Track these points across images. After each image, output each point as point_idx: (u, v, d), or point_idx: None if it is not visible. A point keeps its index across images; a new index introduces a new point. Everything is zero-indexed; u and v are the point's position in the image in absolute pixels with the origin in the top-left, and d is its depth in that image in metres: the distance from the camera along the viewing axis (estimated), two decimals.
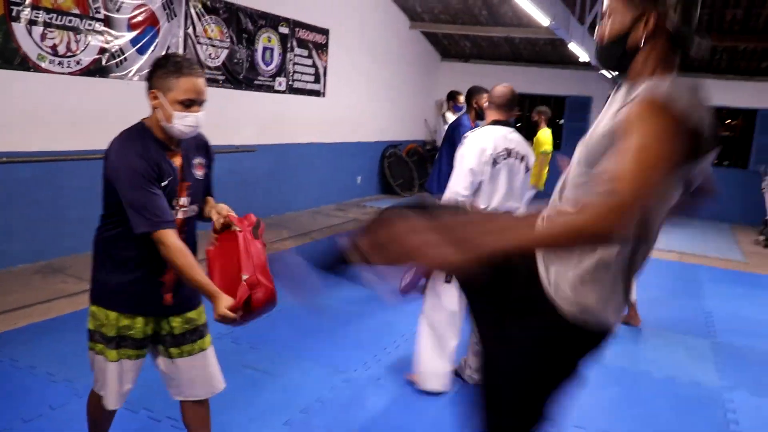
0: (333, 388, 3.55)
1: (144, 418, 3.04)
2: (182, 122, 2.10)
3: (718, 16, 9.21)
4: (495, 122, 3.48)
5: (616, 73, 1.70)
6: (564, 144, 12.25)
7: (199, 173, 2.27)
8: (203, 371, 2.37)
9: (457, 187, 3.30)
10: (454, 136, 5.31)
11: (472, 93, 5.57)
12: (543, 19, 5.31)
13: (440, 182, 5.61)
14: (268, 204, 8.17)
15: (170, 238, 2.06)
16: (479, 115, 5.48)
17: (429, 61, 12.78)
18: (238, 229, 2.22)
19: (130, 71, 5.98)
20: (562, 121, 12.61)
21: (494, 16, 10.77)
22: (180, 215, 2.22)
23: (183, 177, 2.20)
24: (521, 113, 12.47)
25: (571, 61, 11.69)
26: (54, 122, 5.46)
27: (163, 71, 2.10)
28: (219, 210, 2.29)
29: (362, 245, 1.65)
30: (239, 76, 7.41)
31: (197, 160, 2.27)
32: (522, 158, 3.43)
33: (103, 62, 5.72)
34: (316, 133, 9.20)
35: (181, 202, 2.20)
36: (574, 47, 6.84)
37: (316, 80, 9.01)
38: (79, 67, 5.52)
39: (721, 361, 4.50)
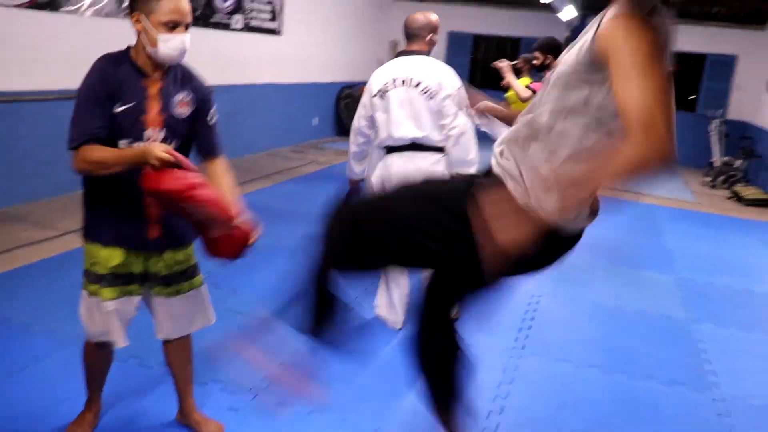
0: None
1: (134, 366, 2.97)
2: (167, 45, 2.01)
3: None
4: (399, 53, 3.44)
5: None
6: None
7: (181, 110, 2.15)
8: (193, 309, 2.35)
9: (355, 122, 3.45)
10: None
11: None
12: None
13: None
14: (226, 146, 7.91)
15: (92, 153, 1.96)
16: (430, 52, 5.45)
17: (382, 1, 12.51)
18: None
19: (81, 5, 5.63)
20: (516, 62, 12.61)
21: None
22: None
23: (158, 108, 2.08)
24: (475, 55, 12.42)
25: (527, 2, 11.63)
26: (2, 60, 5.13)
27: None
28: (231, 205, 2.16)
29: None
30: (196, 12, 7.07)
31: (181, 96, 2.14)
32: (418, 84, 3.21)
33: None
34: (273, 73, 8.95)
35: (151, 135, 2.08)
36: None
37: (273, 18, 8.71)
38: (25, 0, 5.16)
39: (685, 296, 4.69)
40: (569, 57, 1.68)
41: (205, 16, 7.24)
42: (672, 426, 2.99)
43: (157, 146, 1.94)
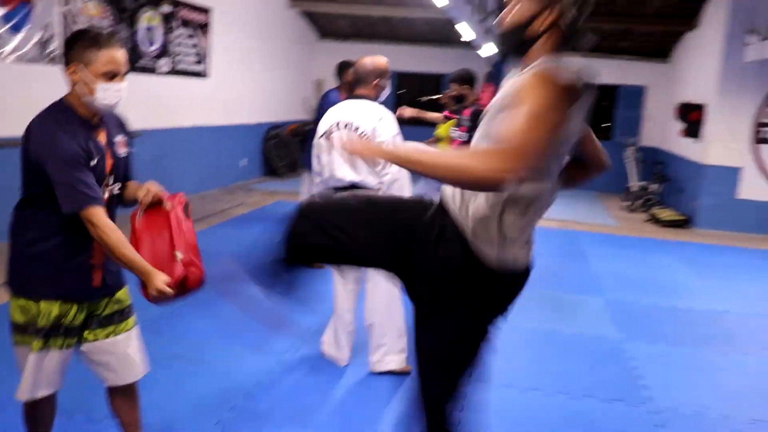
0: (270, 372, 3.54)
1: (81, 423, 2.89)
2: (107, 94, 2.06)
3: None
4: (349, 96, 3.52)
5: (514, 56, 1.86)
6: None
7: (122, 151, 2.24)
8: (129, 352, 2.33)
9: (313, 162, 3.58)
10: (319, 111, 5.52)
11: (343, 68, 5.74)
12: (441, 1, 5.47)
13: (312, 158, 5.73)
14: None
15: (100, 216, 2.03)
16: (351, 89, 5.64)
17: (307, 40, 12.69)
18: (168, 205, 2.22)
19: (3, 51, 5.51)
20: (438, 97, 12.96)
21: None
22: (107, 194, 2.17)
23: (109, 154, 2.16)
24: (404, 90, 12.71)
25: (448, 40, 12.03)
26: None
27: (81, 44, 2.06)
28: (148, 187, 2.28)
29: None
30: None
31: (119, 138, 2.24)
32: (357, 129, 3.28)
33: None
34: (201, 116, 8.91)
35: (109, 182, 2.16)
36: (464, 27, 7.07)
37: (199, 61, 8.71)
38: None
39: (615, 317, 4.91)
40: (485, 125, 1.84)
41: (131, 60, 7.18)
42: None
43: (157, 279, 2.03)
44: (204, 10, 8.68)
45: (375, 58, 3.48)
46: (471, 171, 1.55)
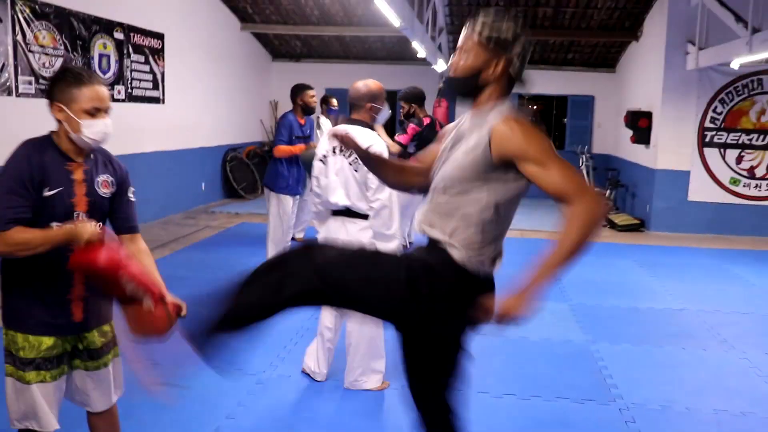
0: (250, 392, 3.56)
1: None
2: (91, 130, 2.11)
3: (531, 14, 10.13)
4: (344, 120, 3.53)
5: (465, 99, 2.06)
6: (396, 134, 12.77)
7: (104, 191, 2.23)
8: (112, 380, 2.36)
9: (312, 183, 3.56)
10: (277, 133, 5.64)
11: (296, 91, 5.84)
12: (395, 20, 5.60)
13: (276, 179, 5.79)
14: None
15: (14, 234, 1.99)
16: (305, 111, 5.75)
17: (260, 61, 12.73)
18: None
19: None
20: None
21: (325, 16, 10.99)
22: None
23: (83, 191, 2.16)
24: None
25: (401, 57, 12.22)
26: None
27: (63, 83, 2.11)
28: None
29: None
30: None
31: (102, 177, 2.23)
32: (349, 155, 3.31)
33: None
34: (159, 141, 8.87)
35: (80, 217, 2.14)
36: (416, 45, 7.24)
37: (155, 86, 8.68)
38: None
39: (580, 320, 5.07)
40: (458, 159, 1.97)
41: None
42: None
43: (86, 226, 2.00)
44: (157, 36, 8.67)
45: (367, 81, 3.49)
46: (592, 224, 1.79)
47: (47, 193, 2.06)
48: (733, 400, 3.72)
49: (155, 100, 8.73)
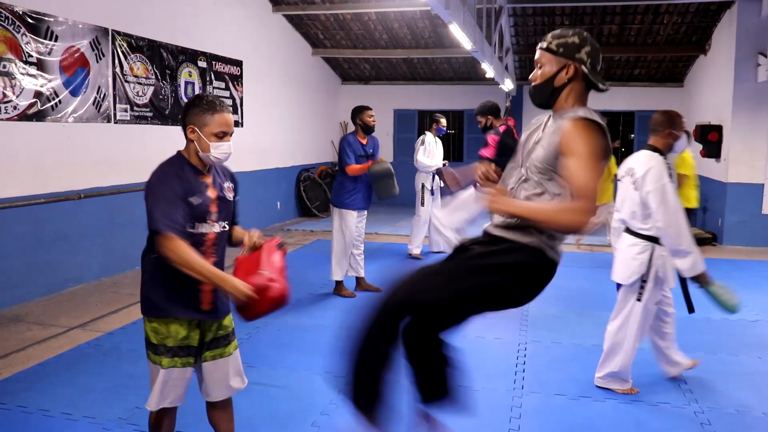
0: (340, 392, 3.82)
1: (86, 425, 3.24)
2: (218, 151, 2.48)
3: (597, 31, 10.24)
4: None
5: (546, 105, 2.35)
6: (465, 153, 13.01)
7: (229, 195, 2.63)
8: (230, 372, 2.66)
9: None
10: (340, 152, 5.91)
11: (356, 112, 6.05)
12: (467, 44, 5.86)
13: (339, 194, 6.05)
14: None
15: (176, 241, 2.31)
16: (365, 130, 5.97)
17: (330, 85, 13.20)
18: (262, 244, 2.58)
19: (65, 113, 5.98)
20: (452, 131, 13.38)
21: (394, 40, 11.36)
22: (216, 229, 2.54)
23: (215, 195, 2.53)
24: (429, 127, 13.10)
25: (468, 77, 12.49)
26: None
27: (198, 109, 2.47)
28: (251, 234, 2.64)
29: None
30: (165, 111, 7.49)
31: (227, 184, 2.64)
32: (632, 175, 3.99)
33: (39, 106, 5.71)
34: (238, 163, 9.33)
35: (213, 218, 2.52)
36: (486, 66, 7.48)
37: (234, 111, 9.19)
38: (16, 112, 5.49)
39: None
40: (539, 152, 2.27)
41: (174, 115, 7.65)
42: None
43: (238, 284, 2.30)
44: (236, 63, 9.19)
45: (667, 111, 4.02)
46: (564, 222, 2.07)
47: (194, 201, 2.43)
48: None
49: (235, 124, 9.18)
